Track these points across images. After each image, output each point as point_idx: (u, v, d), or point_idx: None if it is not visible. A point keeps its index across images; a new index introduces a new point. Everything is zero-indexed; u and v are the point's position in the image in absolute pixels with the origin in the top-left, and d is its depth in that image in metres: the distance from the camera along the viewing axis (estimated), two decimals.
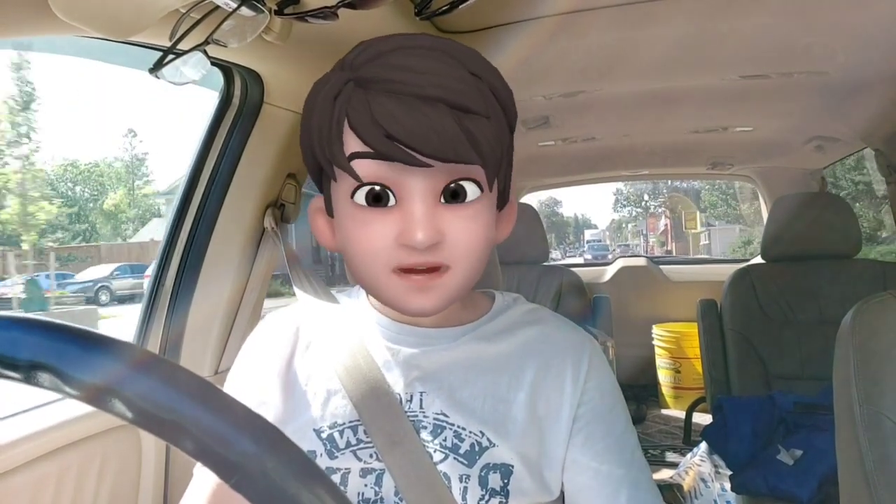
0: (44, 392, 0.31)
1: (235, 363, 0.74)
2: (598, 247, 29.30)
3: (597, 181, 3.98)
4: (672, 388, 3.69)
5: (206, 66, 0.82)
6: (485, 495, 0.60)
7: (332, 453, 0.63)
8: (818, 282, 2.04)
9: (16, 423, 0.92)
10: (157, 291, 1.21)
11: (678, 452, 2.93)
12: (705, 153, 2.87)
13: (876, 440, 0.74)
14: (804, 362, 1.98)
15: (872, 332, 0.77)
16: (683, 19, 1.21)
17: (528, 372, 0.65)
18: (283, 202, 1.25)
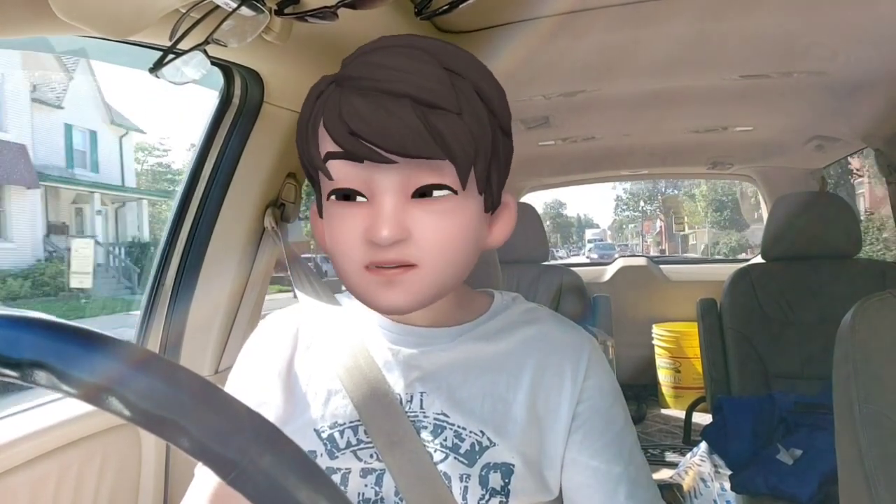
0: (44, 392, 0.31)
1: (236, 363, 0.75)
2: (603, 245, 28.84)
3: (597, 181, 3.98)
4: (672, 387, 3.69)
5: (206, 66, 0.82)
6: (485, 495, 0.60)
7: (333, 453, 0.63)
8: (818, 281, 2.04)
9: (16, 422, 0.92)
10: (157, 291, 1.21)
11: (678, 452, 2.93)
12: (705, 153, 2.87)
13: (876, 439, 0.74)
14: (804, 362, 1.98)
15: (873, 331, 0.77)
16: (684, 19, 1.21)
17: (527, 371, 0.66)
18: (283, 201, 1.25)
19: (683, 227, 24.09)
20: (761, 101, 1.90)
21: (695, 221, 23.34)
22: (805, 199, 2.15)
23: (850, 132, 2.17)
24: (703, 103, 1.95)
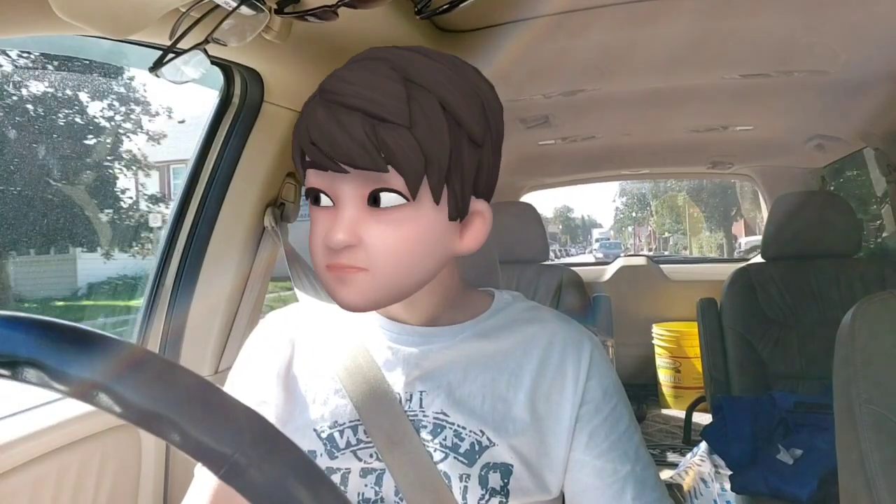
0: (43, 392, 0.31)
1: (236, 363, 0.75)
2: (609, 245, 29.15)
3: (597, 180, 3.98)
4: (672, 387, 3.69)
5: (205, 65, 0.82)
6: (485, 495, 0.60)
7: (332, 453, 0.63)
8: (818, 281, 2.04)
9: (16, 422, 0.92)
10: (158, 290, 1.21)
11: (678, 452, 2.93)
12: (705, 152, 2.87)
13: (876, 439, 0.73)
14: (804, 362, 1.98)
15: (873, 331, 0.77)
16: (684, 18, 1.21)
17: (527, 370, 0.65)
18: (283, 201, 1.25)
19: (665, 231, 29.29)
20: (761, 100, 1.90)
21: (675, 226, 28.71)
22: (805, 199, 2.15)
23: (850, 131, 2.17)
24: (703, 102, 1.95)
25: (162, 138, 3.10)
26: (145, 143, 3.04)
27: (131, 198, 3.05)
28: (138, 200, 3.15)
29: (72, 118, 2.10)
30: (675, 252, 25.98)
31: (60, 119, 1.99)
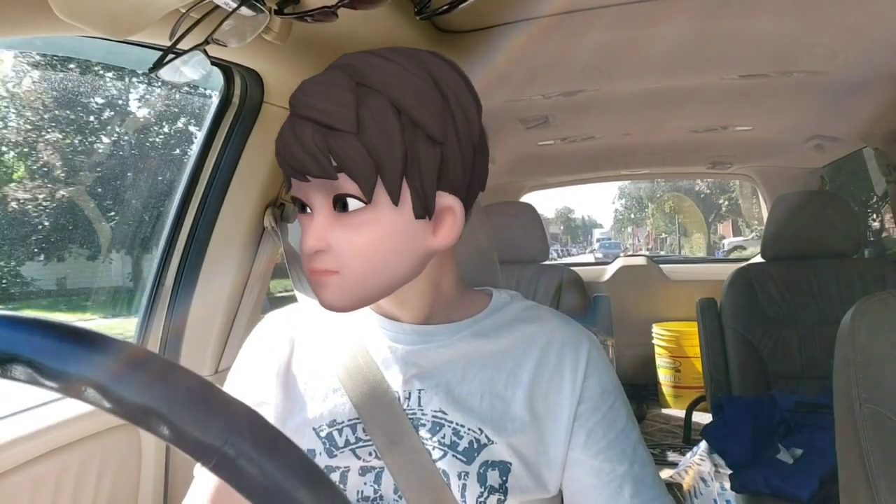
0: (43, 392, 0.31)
1: (235, 362, 0.75)
2: (609, 245, 29.49)
3: (597, 180, 3.98)
4: (672, 387, 3.69)
5: (206, 66, 0.82)
6: (483, 492, 0.60)
7: (332, 452, 0.63)
8: (818, 281, 2.04)
9: (16, 422, 0.92)
10: (158, 290, 1.21)
11: (678, 451, 2.93)
12: (705, 152, 2.87)
13: (876, 439, 0.73)
14: (804, 361, 1.98)
15: (873, 331, 0.77)
16: (683, 19, 1.21)
17: (525, 369, 0.66)
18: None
19: (661, 232, 31.94)
20: (761, 100, 1.90)
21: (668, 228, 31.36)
22: (804, 199, 2.15)
23: (849, 131, 2.17)
24: (703, 103, 1.95)
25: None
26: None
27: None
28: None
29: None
30: (670, 251, 27.79)
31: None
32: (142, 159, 1.88)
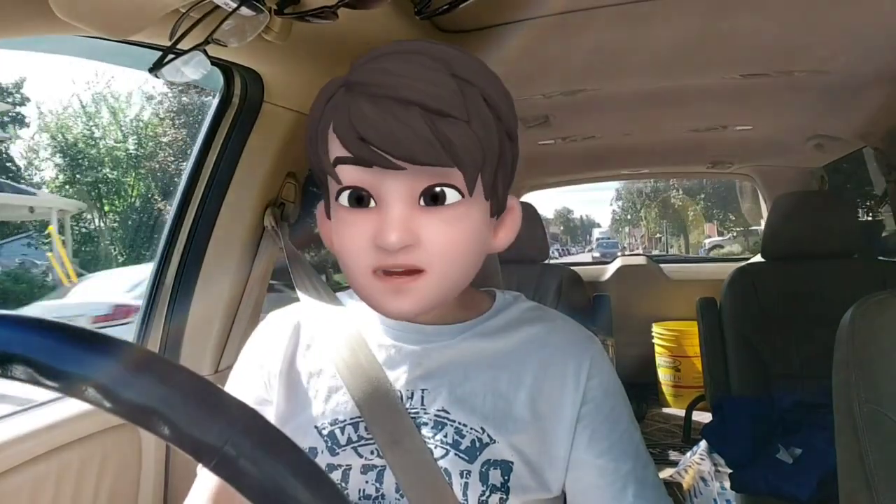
0: (43, 391, 0.31)
1: (237, 361, 0.75)
2: (607, 244, 30.15)
3: (597, 180, 3.98)
4: (672, 386, 3.69)
5: (206, 66, 0.82)
6: (485, 491, 0.60)
7: (334, 450, 0.63)
8: (818, 280, 2.04)
9: (16, 422, 0.92)
10: (158, 290, 1.21)
11: (678, 451, 2.93)
12: (705, 152, 2.87)
13: (876, 438, 0.74)
14: (804, 361, 1.98)
15: (872, 330, 0.77)
16: (684, 18, 1.21)
17: (529, 370, 0.66)
18: (283, 201, 1.25)
19: (655, 232, 34.51)
20: (761, 100, 1.90)
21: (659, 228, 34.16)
22: (804, 199, 2.15)
23: (849, 131, 2.17)
24: (703, 102, 1.95)
25: None
26: None
27: None
28: None
29: None
30: (661, 249, 30.17)
31: None
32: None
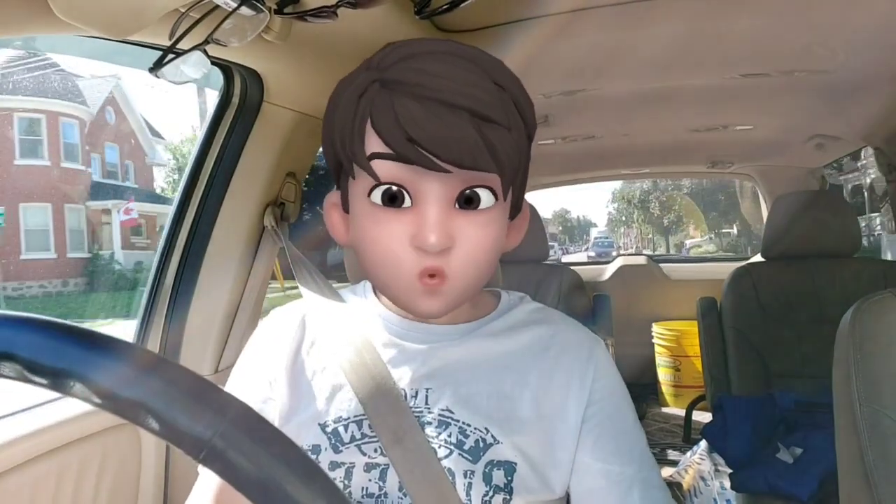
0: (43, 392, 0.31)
1: (240, 359, 0.75)
2: (603, 244, 31.36)
3: (597, 180, 3.98)
4: (672, 386, 3.69)
5: (205, 66, 0.82)
6: (489, 491, 0.60)
7: (337, 447, 0.63)
8: (818, 280, 2.04)
9: (15, 422, 0.92)
10: (158, 290, 1.21)
11: (678, 450, 2.93)
12: (705, 152, 2.87)
13: (876, 438, 0.74)
14: (804, 361, 1.98)
15: (872, 330, 0.77)
16: (683, 18, 1.21)
17: (533, 371, 0.66)
18: (283, 201, 1.25)
19: (649, 232, 36.95)
20: (761, 99, 1.90)
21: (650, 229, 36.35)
22: (805, 198, 2.15)
23: (849, 131, 2.17)
24: (703, 102, 1.95)
25: None
26: None
27: None
28: None
29: None
30: (652, 249, 32.54)
31: None
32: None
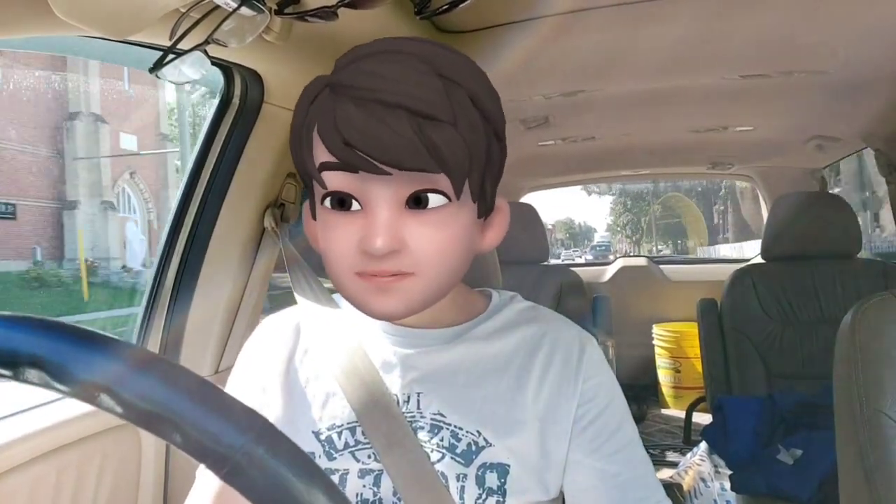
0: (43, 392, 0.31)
1: (235, 365, 0.75)
2: (600, 249, 33.51)
3: (597, 181, 3.98)
4: (672, 387, 3.69)
5: (206, 66, 0.82)
6: (482, 494, 0.60)
7: (331, 454, 0.63)
8: (818, 281, 2.04)
9: (15, 422, 0.92)
10: (158, 291, 1.21)
11: (678, 452, 2.93)
12: (705, 153, 2.87)
13: (876, 439, 0.73)
14: (804, 362, 1.98)
15: (873, 331, 0.77)
16: (684, 18, 1.20)
17: (525, 371, 0.65)
18: (283, 202, 1.25)
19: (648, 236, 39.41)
20: (761, 100, 1.90)
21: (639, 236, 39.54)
22: (805, 199, 2.15)
23: (850, 132, 2.17)
24: (703, 103, 1.95)
25: None
26: None
27: None
28: None
29: None
30: (648, 252, 34.62)
31: None
32: None
